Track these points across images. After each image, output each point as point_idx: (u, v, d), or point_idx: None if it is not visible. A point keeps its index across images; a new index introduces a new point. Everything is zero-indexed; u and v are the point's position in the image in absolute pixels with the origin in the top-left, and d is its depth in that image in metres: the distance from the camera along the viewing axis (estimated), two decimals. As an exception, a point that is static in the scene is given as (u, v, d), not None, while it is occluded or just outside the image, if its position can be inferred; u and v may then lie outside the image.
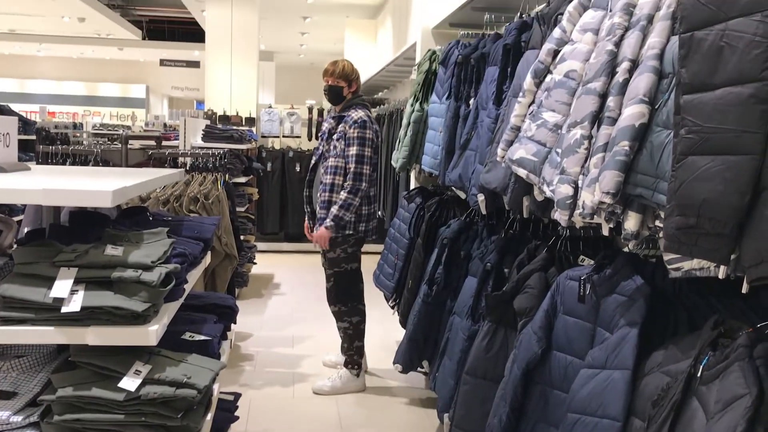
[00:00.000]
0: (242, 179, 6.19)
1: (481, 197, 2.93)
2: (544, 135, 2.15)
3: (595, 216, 1.73)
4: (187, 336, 2.26)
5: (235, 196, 5.94)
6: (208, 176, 4.25)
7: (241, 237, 6.01)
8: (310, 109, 8.93)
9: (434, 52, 4.68)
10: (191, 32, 19.30)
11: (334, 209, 4.03)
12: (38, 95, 22.40)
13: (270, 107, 8.88)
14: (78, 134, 8.77)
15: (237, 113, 8.65)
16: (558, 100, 2.13)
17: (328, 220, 4.07)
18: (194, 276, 2.40)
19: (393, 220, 4.96)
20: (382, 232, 7.12)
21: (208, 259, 2.68)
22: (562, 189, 1.83)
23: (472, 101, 3.43)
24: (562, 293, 2.14)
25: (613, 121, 1.69)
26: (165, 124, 11.18)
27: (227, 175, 4.92)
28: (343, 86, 4.18)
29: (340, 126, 4.12)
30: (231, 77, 8.99)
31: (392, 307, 4.75)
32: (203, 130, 6.15)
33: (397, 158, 4.78)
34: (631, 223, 1.66)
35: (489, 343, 2.56)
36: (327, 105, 9.34)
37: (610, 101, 1.72)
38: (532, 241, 2.92)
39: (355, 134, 4.02)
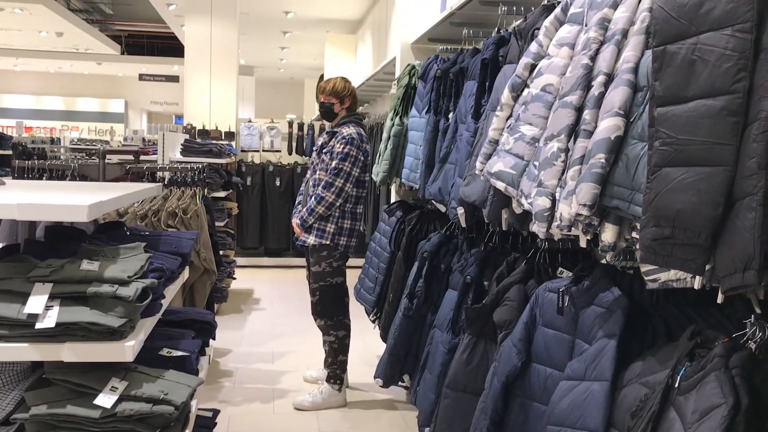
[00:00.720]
0: (221, 194, 6.16)
1: (460, 210, 2.94)
2: (522, 148, 2.17)
3: (572, 228, 1.74)
4: (164, 352, 2.24)
5: (214, 211, 5.91)
6: (186, 191, 4.23)
7: (221, 252, 5.99)
8: (291, 123, 8.93)
9: (413, 67, 4.71)
10: (170, 47, 19.27)
11: (303, 212, 4.09)
12: (15, 110, 22.22)
13: (250, 121, 8.86)
14: (55, 149, 8.69)
15: (216, 127, 8.62)
16: (535, 114, 2.15)
17: (297, 219, 4.13)
18: (172, 291, 2.38)
19: (374, 234, 4.96)
20: (363, 247, 7.12)
21: (186, 274, 2.66)
22: (540, 201, 1.84)
23: (451, 115, 3.45)
24: (541, 305, 2.15)
25: (589, 134, 1.71)
26: (144, 139, 11.12)
27: (206, 190, 4.89)
28: (333, 103, 4.21)
29: (332, 141, 4.14)
30: (210, 91, 8.96)
31: (373, 321, 4.74)
32: (182, 145, 6.12)
33: (378, 172, 4.79)
34: (608, 234, 1.67)
35: (469, 356, 2.56)
36: (307, 119, 9.35)
37: (586, 114, 1.73)
38: (512, 253, 2.93)
39: (340, 149, 4.02)
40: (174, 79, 19.89)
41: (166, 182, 4.36)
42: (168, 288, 2.30)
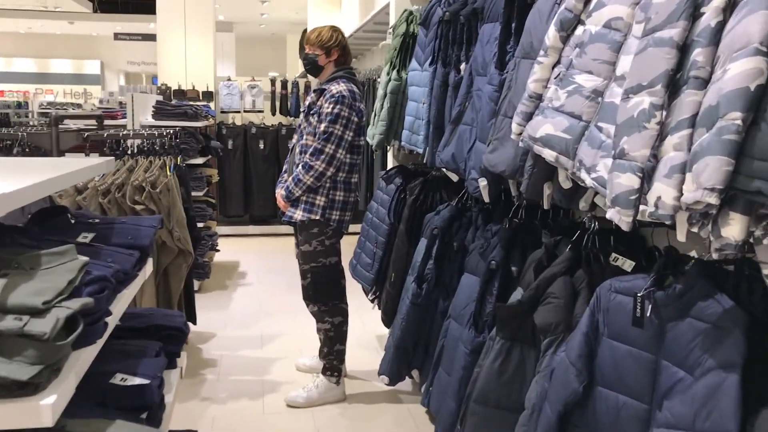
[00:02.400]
0: (199, 160, 5.60)
1: (483, 182, 2.42)
2: (579, 104, 1.64)
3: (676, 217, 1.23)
4: (117, 380, 1.73)
5: (191, 180, 5.36)
6: (155, 161, 3.67)
7: (200, 224, 5.45)
8: (273, 81, 8.31)
9: (411, 13, 4.14)
10: (146, 4, 18.30)
11: (289, 181, 3.57)
12: (-16, 73, 21.29)
13: (229, 80, 8.24)
14: (20, 114, 8.07)
15: (193, 87, 8.00)
16: (596, 59, 1.62)
17: (282, 190, 3.63)
18: (128, 295, 1.86)
19: (370, 204, 4.45)
20: (358, 216, 6.63)
21: (148, 270, 2.14)
22: (624, 180, 1.32)
23: (463, 66, 2.91)
24: (606, 311, 1.65)
25: (703, 83, 1.19)
26: (120, 102, 10.45)
27: (179, 158, 4.33)
28: (318, 54, 3.63)
29: (320, 100, 3.59)
30: (185, 49, 8.31)
31: (372, 301, 4.26)
32: (153, 107, 5.53)
33: (373, 134, 4.24)
34: (735, 229, 1.16)
35: (502, 365, 2.07)
36: (291, 76, 8.72)
37: (698, 55, 1.21)
38: (543, 232, 2.42)
39: (329, 109, 3.47)
40: (151, 37, 18.94)
41: (131, 151, 3.80)
42: (122, 294, 1.78)
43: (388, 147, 4.32)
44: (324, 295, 3.65)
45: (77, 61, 22.27)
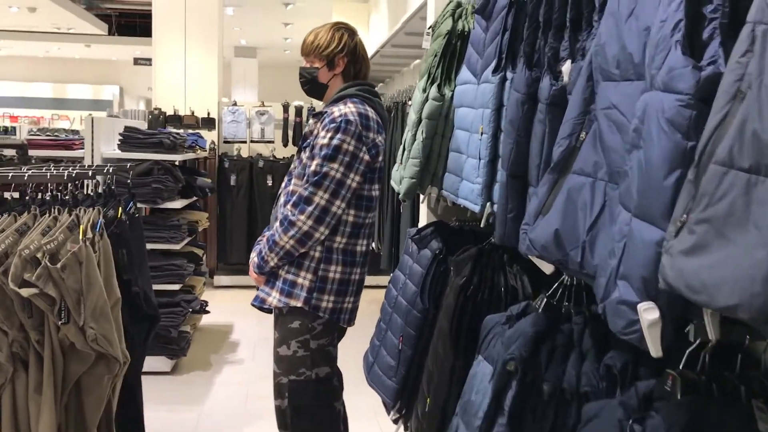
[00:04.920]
0: (176, 204, 4.35)
1: (651, 314, 1.07)
2: None
3: None
4: None
5: (166, 230, 4.12)
6: (63, 215, 2.40)
7: (176, 287, 4.20)
8: (286, 107, 7.09)
9: (459, 4, 2.88)
10: (165, 27, 17.46)
11: (261, 245, 2.42)
12: (1, 98, 20.52)
13: (234, 105, 7.04)
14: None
15: (192, 113, 6.81)
16: None
17: (254, 257, 2.46)
18: None
19: (394, 274, 3.15)
20: (374, 263, 5.31)
21: None
22: None
23: (566, 66, 1.60)
24: None
25: None
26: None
27: (129, 205, 3.08)
28: (317, 68, 2.41)
29: (317, 129, 2.35)
30: (185, 68, 7.14)
31: (395, 422, 2.93)
32: (120, 135, 4.31)
33: (401, 177, 2.95)
34: None
35: None
36: (311, 101, 7.48)
37: None
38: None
39: (325, 140, 2.24)
40: (170, 62, 18.09)
41: (34, 200, 2.54)
42: None
43: (423, 194, 3.02)
44: (308, 426, 2.35)
45: (96, 87, 21.47)
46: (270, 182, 6.85)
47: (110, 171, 2.86)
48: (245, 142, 7.05)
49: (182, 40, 7.20)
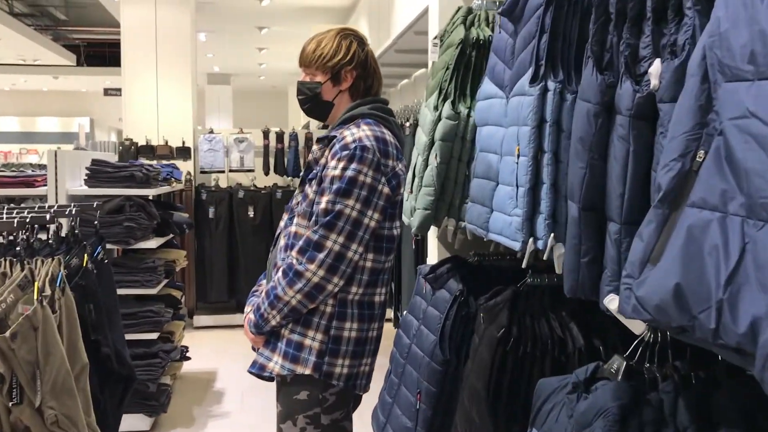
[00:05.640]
0: (150, 244, 3.93)
1: None
2: None
3: None
4: None
5: (140, 273, 3.72)
6: (14, 269, 1.99)
7: (153, 335, 3.78)
8: (266, 134, 6.70)
9: (470, 10, 2.54)
10: (136, 56, 17.01)
11: (259, 300, 1.98)
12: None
13: (211, 132, 6.64)
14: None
15: (166, 143, 6.40)
16: None
17: (250, 313, 2.04)
18: None
19: (403, 318, 2.78)
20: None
21: None
22: None
23: (655, 67, 1.24)
24: None
25: None
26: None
27: (100, 251, 2.68)
28: (320, 83, 2.04)
29: (323, 157, 1.98)
30: (157, 95, 6.74)
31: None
32: (88, 170, 3.89)
33: (412, 208, 2.58)
34: None
35: None
36: (293, 126, 7.11)
37: None
38: None
39: (337, 170, 1.87)
40: (141, 92, 17.63)
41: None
42: None
43: (438, 227, 2.64)
44: None
45: (65, 119, 20.91)
46: (251, 213, 6.44)
47: (73, 212, 2.45)
48: (223, 171, 6.64)
49: (153, 66, 6.81)
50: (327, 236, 1.85)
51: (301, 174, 2.05)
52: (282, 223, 2.12)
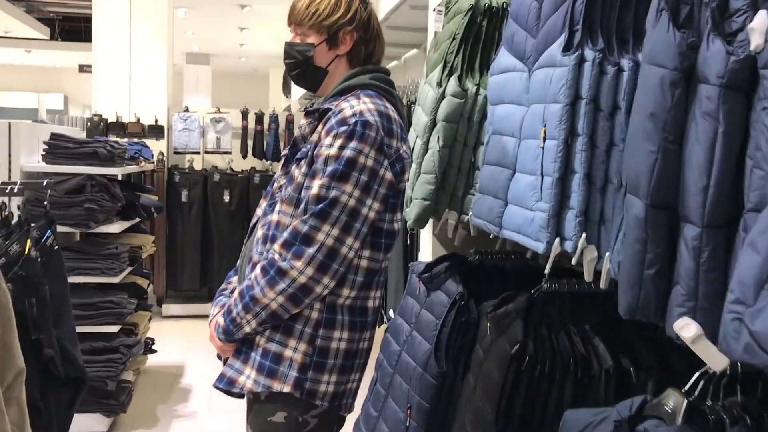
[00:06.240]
0: (114, 228, 3.58)
1: None
2: None
3: None
4: None
5: (101, 260, 3.39)
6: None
7: (114, 328, 3.46)
8: (245, 114, 6.35)
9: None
10: (113, 32, 16.45)
11: (231, 302, 1.65)
12: (-66, 107, 19.21)
13: (186, 111, 6.27)
14: None
15: (138, 120, 6.02)
16: None
17: (219, 316, 1.69)
18: None
19: (393, 320, 2.49)
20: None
21: None
22: None
23: (760, 20, 0.94)
24: None
25: None
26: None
27: (49, 236, 2.34)
28: (313, 44, 1.71)
29: (317, 132, 1.67)
30: (129, 70, 6.34)
31: None
32: (46, 144, 3.53)
33: (408, 198, 2.27)
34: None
35: None
36: (273, 107, 6.75)
37: None
38: None
39: (333, 149, 1.56)
40: (118, 69, 17.09)
41: None
42: None
43: (438, 220, 2.34)
44: None
45: (39, 95, 20.29)
46: (227, 198, 6.09)
47: (15, 190, 2.11)
48: (198, 152, 6.28)
49: (126, 38, 6.41)
50: (319, 227, 1.53)
51: (284, 152, 1.72)
52: (259, 211, 1.81)
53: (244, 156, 6.35)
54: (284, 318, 1.58)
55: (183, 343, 5.28)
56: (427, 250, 2.69)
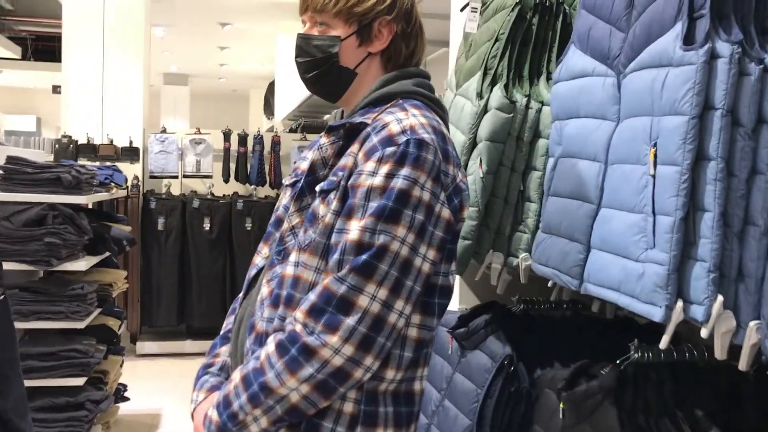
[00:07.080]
0: (80, 264, 3.12)
1: None
2: None
3: None
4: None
5: (65, 302, 2.94)
6: None
7: (80, 381, 2.99)
8: (227, 135, 5.92)
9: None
10: (88, 53, 15.99)
11: (229, 389, 1.16)
12: None
13: (164, 132, 5.83)
14: None
15: (111, 141, 5.56)
16: None
17: (211, 408, 1.16)
18: None
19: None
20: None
21: None
22: None
23: None
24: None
25: None
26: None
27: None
28: (338, 38, 1.27)
29: (348, 154, 1.22)
30: (102, 88, 5.88)
31: None
32: (1, 169, 3.07)
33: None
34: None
35: None
36: (258, 128, 6.31)
37: None
38: None
39: (378, 179, 1.12)
40: (93, 90, 16.59)
41: None
42: None
43: (480, 264, 1.90)
44: None
45: (10, 117, 19.69)
46: (207, 226, 5.64)
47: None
48: (176, 176, 5.83)
49: (99, 57, 5.96)
50: (362, 288, 1.10)
51: (295, 181, 1.29)
52: (259, 259, 1.36)
53: (226, 180, 5.91)
54: (308, 414, 1.13)
55: (158, 384, 4.80)
56: (453, 296, 2.27)
